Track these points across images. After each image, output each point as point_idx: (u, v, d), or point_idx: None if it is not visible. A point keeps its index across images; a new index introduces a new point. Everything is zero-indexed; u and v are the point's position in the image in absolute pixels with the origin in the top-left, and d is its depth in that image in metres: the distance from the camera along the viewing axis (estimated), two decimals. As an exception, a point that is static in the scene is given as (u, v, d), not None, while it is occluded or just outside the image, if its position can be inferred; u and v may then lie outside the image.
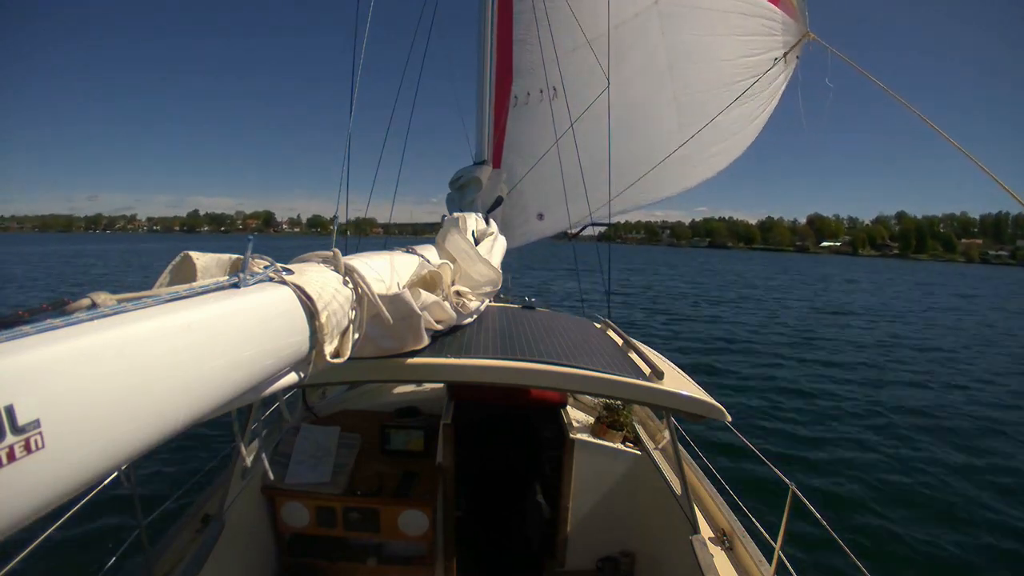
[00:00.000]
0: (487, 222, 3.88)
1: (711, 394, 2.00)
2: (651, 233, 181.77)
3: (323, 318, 1.09)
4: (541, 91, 5.70)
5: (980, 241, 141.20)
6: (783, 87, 5.55)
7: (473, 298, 2.31)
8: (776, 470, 2.58)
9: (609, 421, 3.07)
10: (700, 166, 5.78)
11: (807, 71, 5.42)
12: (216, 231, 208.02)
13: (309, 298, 1.06)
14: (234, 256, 1.13)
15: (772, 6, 5.17)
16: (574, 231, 6.07)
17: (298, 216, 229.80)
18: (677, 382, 2.02)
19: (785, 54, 5.32)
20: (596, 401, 3.52)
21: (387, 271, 1.60)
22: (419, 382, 3.54)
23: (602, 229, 5.82)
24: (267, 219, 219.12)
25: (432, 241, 2.47)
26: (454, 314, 1.99)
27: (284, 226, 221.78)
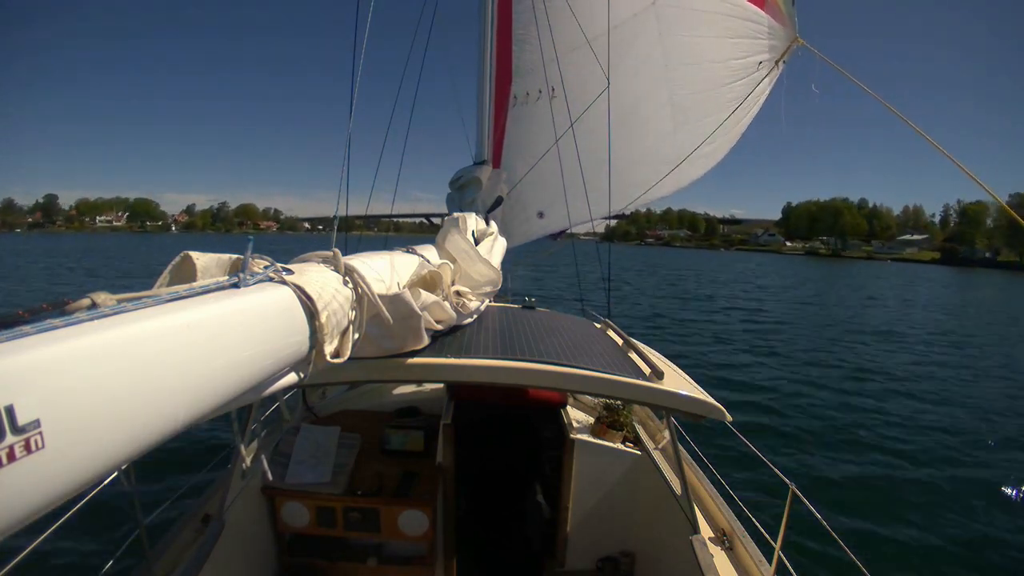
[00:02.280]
0: (487, 222, 3.88)
1: (712, 394, 2.00)
2: (677, 226, 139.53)
3: (323, 318, 1.09)
4: (540, 91, 5.70)
5: None
6: (768, 89, 5.59)
7: (473, 298, 2.31)
8: (776, 470, 2.58)
9: (609, 421, 3.07)
10: (691, 167, 5.83)
11: (791, 71, 5.46)
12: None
13: (309, 298, 1.06)
14: (234, 256, 1.13)
15: (758, 10, 5.19)
16: (566, 231, 6.09)
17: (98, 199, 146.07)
18: (677, 382, 2.02)
19: (776, 60, 5.34)
20: (596, 401, 3.52)
21: (387, 271, 1.60)
22: (419, 382, 3.54)
23: (601, 229, 5.82)
24: (48, 207, 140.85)
25: (428, 240, 2.47)
26: (454, 314, 1.99)
27: (89, 217, 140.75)
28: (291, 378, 1.09)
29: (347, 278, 1.27)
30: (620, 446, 2.95)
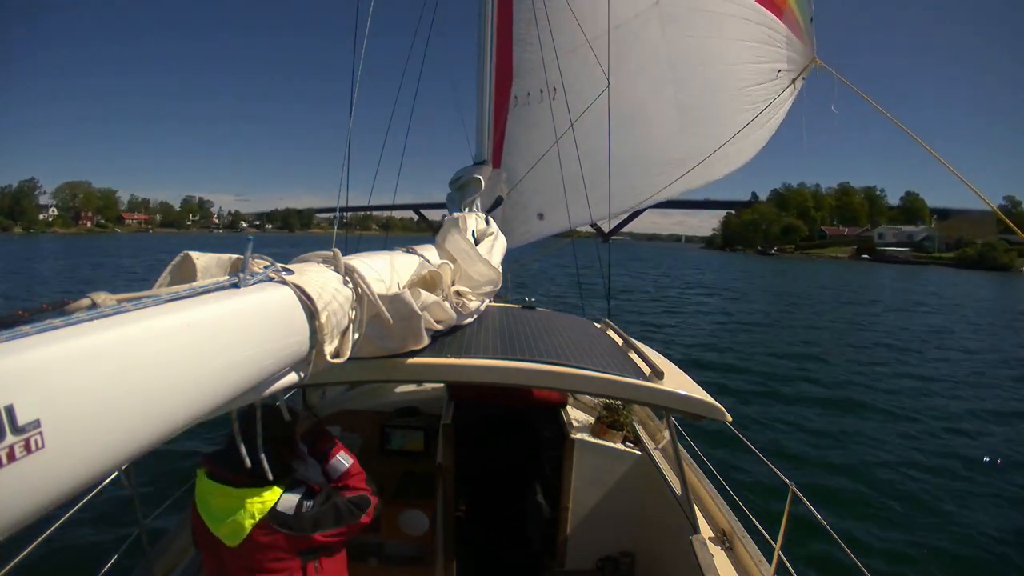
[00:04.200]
0: (487, 222, 3.88)
1: (712, 394, 1.99)
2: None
3: (323, 318, 1.09)
4: (541, 91, 5.69)
5: None
6: (788, 105, 5.56)
7: (473, 298, 2.30)
8: (776, 470, 2.58)
9: (609, 421, 3.07)
10: (706, 169, 5.78)
11: (811, 90, 5.44)
12: None
13: (309, 298, 1.07)
14: (234, 256, 1.13)
15: (775, 18, 5.20)
16: (605, 230, 6.07)
17: None
18: (677, 382, 2.02)
19: (793, 80, 5.35)
20: (596, 401, 3.52)
21: (387, 271, 1.60)
22: (419, 382, 3.53)
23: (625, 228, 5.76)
24: None
25: (430, 241, 2.47)
26: (454, 314, 1.99)
27: None
28: (291, 378, 1.09)
29: (347, 278, 1.27)
30: (620, 446, 2.95)
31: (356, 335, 1.29)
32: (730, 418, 1.92)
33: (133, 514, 2.08)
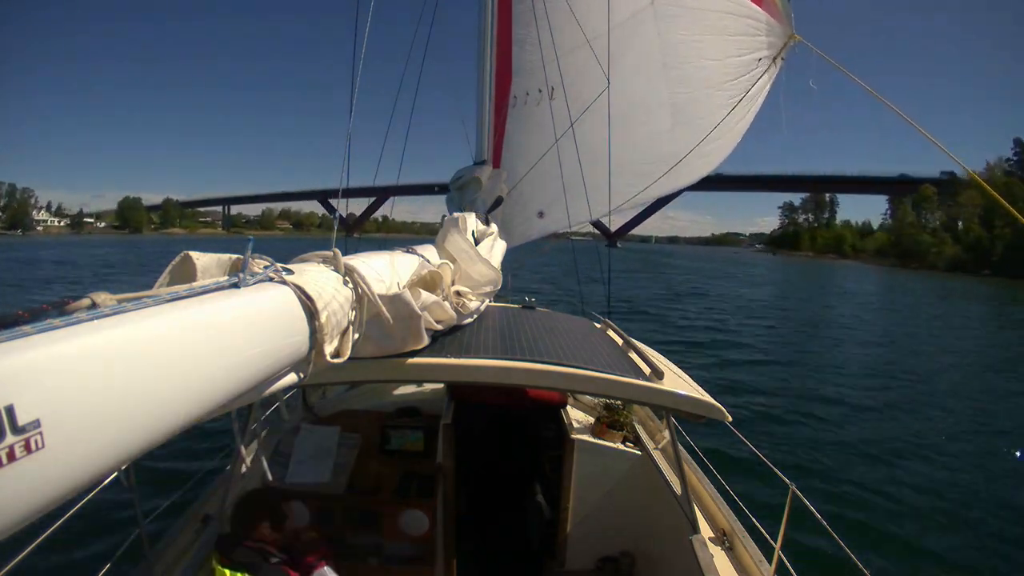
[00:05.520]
0: (487, 222, 3.88)
1: (711, 394, 1.99)
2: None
3: (323, 318, 1.09)
4: (540, 91, 5.71)
5: None
6: (767, 87, 5.61)
7: (473, 298, 2.31)
8: (776, 470, 2.58)
9: (609, 421, 3.07)
10: (692, 165, 5.83)
11: (789, 71, 5.48)
12: None
13: (309, 298, 1.07)
14: (234, 256, 1.13)
15: (756, 7, 5.21)
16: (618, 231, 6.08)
17: None
18: (677, 382, 2.02)
19: (773, 57, 5.36)
20: (596, 401, 3.52)
21: (387, 271, 1.60)
22: (419, 382, 3.54)
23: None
24: None
25: (430, 241, 2.47)
26: (454, 314, 1.99)
27: None
28: (291, 378, 1.09)
29: (347, 278, 1.27)
30: (620, 446, 2.95)
31: (356, 335, 1.29)
32: (730, 418, 1.92)
33: (133, 514, 2.08)
